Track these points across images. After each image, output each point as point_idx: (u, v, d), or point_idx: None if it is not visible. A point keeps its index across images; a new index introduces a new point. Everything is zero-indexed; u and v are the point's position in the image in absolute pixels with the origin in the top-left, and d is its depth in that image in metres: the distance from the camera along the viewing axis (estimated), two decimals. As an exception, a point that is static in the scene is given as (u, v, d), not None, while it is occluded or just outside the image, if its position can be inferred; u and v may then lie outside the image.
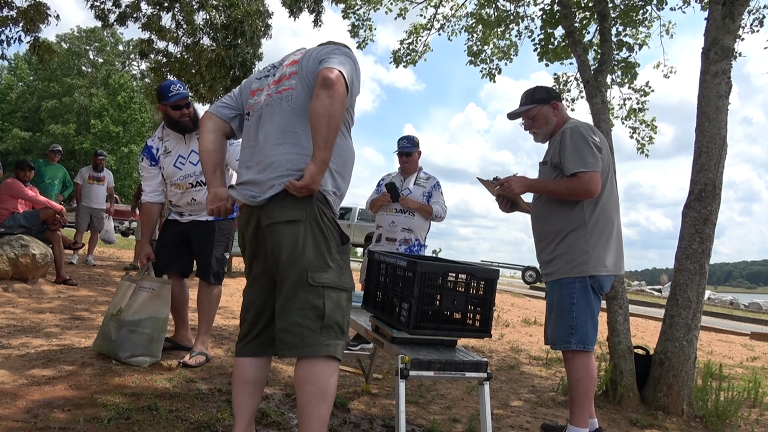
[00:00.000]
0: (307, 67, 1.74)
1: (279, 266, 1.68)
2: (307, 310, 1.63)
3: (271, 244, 1.69)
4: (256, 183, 1.71)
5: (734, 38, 3.33)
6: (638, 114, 6.84)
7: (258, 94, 1.85)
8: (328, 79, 1.57)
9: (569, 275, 2.35)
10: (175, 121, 2.94)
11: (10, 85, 36.17)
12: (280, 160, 1.68)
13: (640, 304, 10.19)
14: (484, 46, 7.52)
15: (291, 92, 1.74)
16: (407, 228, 3.88)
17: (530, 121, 2.56)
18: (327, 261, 1.67)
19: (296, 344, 1.62)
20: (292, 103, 1.72)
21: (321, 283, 1.65)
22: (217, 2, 9.10)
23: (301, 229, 1.64)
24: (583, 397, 2.34)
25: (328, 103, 1.56)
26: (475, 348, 4.74)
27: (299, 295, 1.64)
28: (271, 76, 1.86)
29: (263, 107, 1.79)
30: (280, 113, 1.73)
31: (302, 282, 1.63)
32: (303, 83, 1.73)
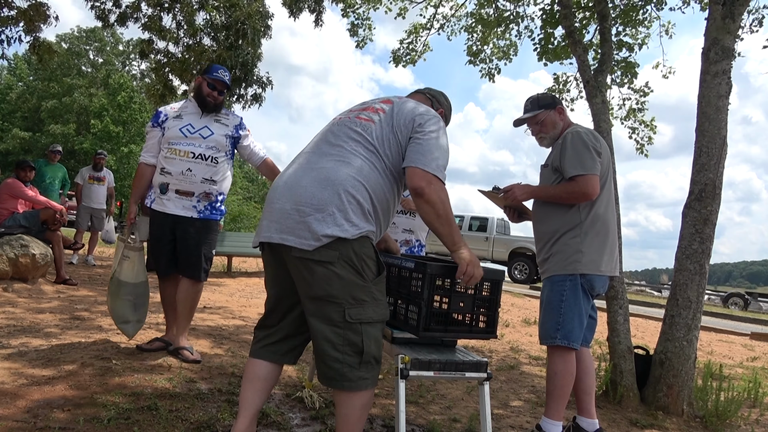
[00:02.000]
0: (398, 116, 1.82)
1: (310, 298, 1.70)
2: (346, 346, 1.67)
3: (304, 277, 1.68)
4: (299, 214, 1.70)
5: (734, 38, 3.33)
6: (637, 114, 6.85)
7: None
8: (419, 190, 1.70)
9: (561, 272, 2.40)
10: (203, 96, 3.02)
11: (10, 85, 36.19)
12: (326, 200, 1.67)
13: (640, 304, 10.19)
14: (483, 46, 7.53)
15: (371, 125, 1.80)
16: (408, 229, 3.87)
17: (538, 127, 2.61)
18: (363, 296, 1.68)
19: (336, 378, 1.69)
20: (366, 134, 1.78)
21: (359, 319, 1.67)
22: (218, 3, 9.10)
23: (336, 268, 1.64)
24: (558, 391, 2.37)
25: (430, 208, 1.71)
26: (475, 348, 4.74)
27: (337, 332, 1.67)
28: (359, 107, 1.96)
29: (337, 123, 1.88)
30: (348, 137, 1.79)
31: (340, 319, 1.66)
32: (385, 125, 1.80)
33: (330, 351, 1.67)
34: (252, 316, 4.99)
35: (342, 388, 1.68)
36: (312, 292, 1.67)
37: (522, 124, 2.69)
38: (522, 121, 2.67)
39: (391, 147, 1.77)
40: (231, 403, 2.48)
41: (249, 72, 9.16)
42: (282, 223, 1.68)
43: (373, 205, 1.72)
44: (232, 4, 9.00)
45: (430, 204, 1.70)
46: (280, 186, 1.76)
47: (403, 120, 1.80)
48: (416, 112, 1.83)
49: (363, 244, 1.68)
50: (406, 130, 1.79)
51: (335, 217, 1.63)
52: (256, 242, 1.82)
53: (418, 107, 1.87)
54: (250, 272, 8.88)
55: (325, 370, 1.70)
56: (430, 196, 1.69)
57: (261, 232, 1.77)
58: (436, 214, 1.71)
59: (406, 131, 1.78)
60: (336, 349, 1.67)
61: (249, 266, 9.59)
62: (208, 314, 4.76)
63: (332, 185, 1.66)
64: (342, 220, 1.64)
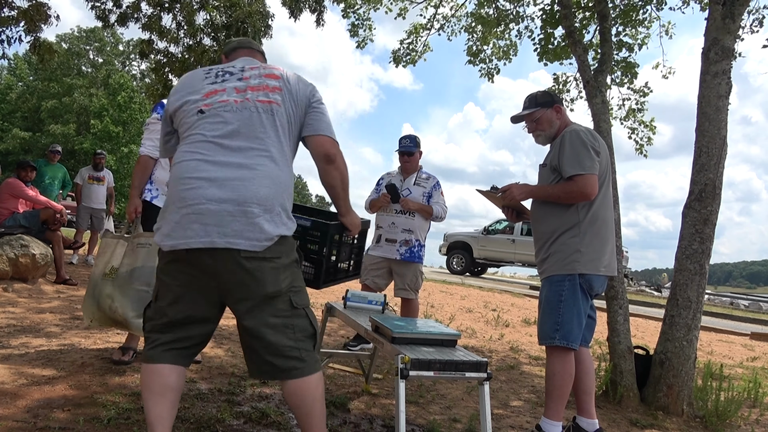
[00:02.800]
0: (296, 93, 1.82)
1: (256, 297, 1.65)
2: (298, 333, 1.69)
3: (254, 277, 1.64)
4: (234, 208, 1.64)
5: (734, 38, 3.33)
6: (637, 114, 6.84)
7: (220, 94, 1.77)
8: (331, 156, 1.81)
9: (560, 272, 2.40)
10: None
11: (10, 85, 36.18)
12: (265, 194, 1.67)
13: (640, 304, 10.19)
14: (483, 46, 7.53)
15: (277, 107, 1.76)
16: (407, 229, 3.87)
17: (534, 124, 2.61)
18: (300, 283, 1.75)
19: (297, 366, 1.67)
20: (277, 119, 1.75)
21: (303, 304, 1.72)
22: (218, 2, 9.11)
23: (283, 262, 1.68)
24: (557, 391, 2.37)
25: (338, 174, 1.83)
26: (475, 348, 4.74)
27: (287, 322, 1.68)
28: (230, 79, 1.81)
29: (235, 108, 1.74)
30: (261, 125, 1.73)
31: (288, 308, 1.68)
32: (289, 105, 1.79)
33: (284, 341, 1.66)
34: (252, 316, 4.99)
35: (303, 375, 1.68)
36: (263, 290, 1.64)
37: (519, 121, 2.69)
38: (519, 118, 2.67)
39: (296, 126, 1.82)
40: (231, 403, 2.48)
41: (249, 72, 9.16)
42: (227, 226, 1.59)
43: (292, 196, 1.79)
44: (233, 3, 9.00)
45: (339, 171, 1.83)
46: (203, 184, 1.63)
47: (301, 96, 1.83)
48: (308, 84, 1.88)
49: (292, 241, 1.76)
50: (303, 104, 1.83)
51: (281, 216, 1.67)
52: (179, 246, 1.61)
53: (302, 79, 1.90)
54: (250, 272, 8.87)
55: (283, 363, 1.66)
56: (339, 163, 1.82)
57: (191, 237, 1.60)
58: (342, 179, 1.84)
59: (303, 105, 1.83)
60: (290, 338, 1.67)
61: (249, 266, 9.57)
62: (208, 314, 4.76)
63: (274, 185, 1.67)
64: (286, 218, 1.69)
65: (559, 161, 2.42)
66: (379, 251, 3.93)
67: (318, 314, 5.71)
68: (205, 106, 1.74)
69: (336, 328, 4.87)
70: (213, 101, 1.75)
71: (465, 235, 14.82)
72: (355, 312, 2.71)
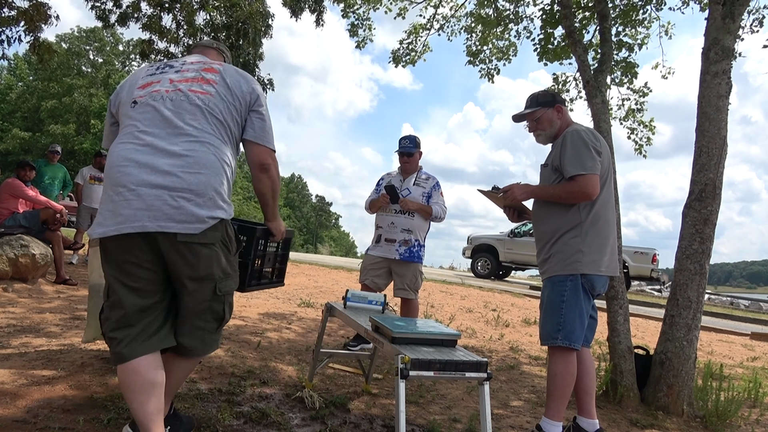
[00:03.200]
0: (234, 87, 1.84)
1: (192, 279, 1.71)
2: (208, 314, 1.77)
3: (188, 260, 1.69)
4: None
5: (734, 38, 3.33)
6: (636, 115, 6.84)
7: (154, 85, 1.82)
8: (265, 165, 1.89)
9: (562, 272, 2.40)
10: None
11: (10, 85, 36.20)
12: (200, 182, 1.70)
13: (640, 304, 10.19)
14: (483, 46, 7.52)
15: (210, 98, 1.79)
16: (407, 229, 3.87)
17: (535, 123, 2.61)
18: (230, 270, 1.81)
19: (196, 346, 1.78)
20: (209, 108, 1.78)
21: (226, 291, 1.80)
22: (218, 3, 9.11)
23: (217, 248, 1.74)
24: (559, 392, 2.37)
25: (270, 183, 1.91)
26: (475, 348, 4.74)
27: (206, 305, 1.76)
28: (168, 72, 1.86)
29: (166, 97, 1.78)
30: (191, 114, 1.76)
31: (212, 293, 1.75)
32: (224, 100, 1.82)
33: (198, 322, 1.76)
34: (252, 316, 4.99)
35: (201, 354, 1.80)
36: (196, 273, 1.71)
37: (521, 120, 2.69)
38: (520, 117, 2.67)
39: (234, 119, 1.84)
40: (231, 403, 2.48)
41: (250, 72, 9.16)
42: (158, 210, 1.62)
43: (230, 182, 1.82)
44: (233, 4, 9.00)
45: (271, 179, 1.91)
46: (133, 170, 1.65)
47: (241, 91, 1.85)
48: (252, 83, 1.91)
49: (230, 224, 1.81)
50: (244, 102, 1.86)
51: (215, 200, 1.70)
52: (112, 232, 1.64)
53: (245, 75, 1.94)
54: (250, 272, 8.86)
55: (188, 342, 1.77)
56: (272, 172, 1.91)
57: (123, 222, 1.62)
58: (273, 188, 1.93)
59: (245, 103, 1.86)
60: (203, 320, 1.77)
61: (249, 266, 9.57)
62: (208, 314, 4.76)
63: (205, 169, 1.70)
64: (220, 201, 1.72)
65: (561, 161, 2.42)
66: (379, 251, 3.93)
67: (318, 314, 5.71)
68: (139, 98, 1.81)
69: (336, 328, 4.87)
70: (147, 92, 1.81)
71: (490, 237, 14.25)
72: (355, 312, 2.71)
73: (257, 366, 3.18)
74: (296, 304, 6.19)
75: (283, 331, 4.45)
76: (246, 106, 1.86)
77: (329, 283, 8.34)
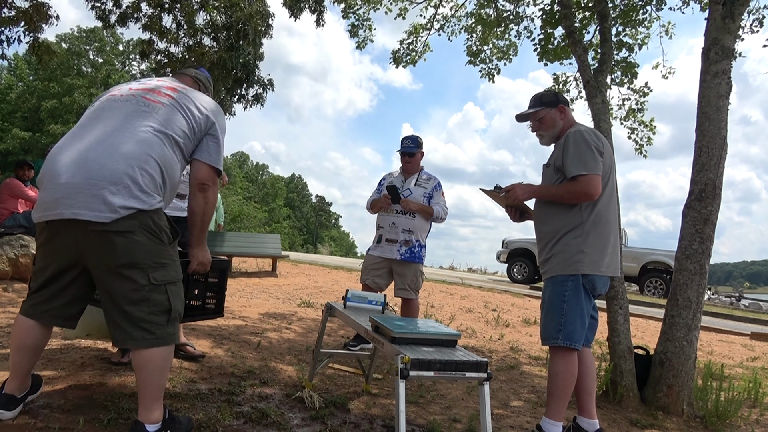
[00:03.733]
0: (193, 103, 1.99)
1: (112, 267, 1.76)
2: (153, 306, 1.80)
3: (103, 249, 1.75)
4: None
5: (734, 38, 3.33)
6: (637, 115, 6.84)
7: (114, 92, 2.01)
8: (205, 185, 1.96)
9: (563, 272, 2.40)
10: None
11: (10, 85, 36.19)
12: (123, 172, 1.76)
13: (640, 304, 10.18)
14: (483, 46, 7.52)
15: (160, 106, 1.92)
16: (408, 229, 3.87)
17: (538, 123, 2.62)
18: (164, 260, 1.83)
19: (146, 337, 1.79)
20: (156, 111, 1.90)
21: (163, 281, 1.82)
22: (218, 3, 9.10)
23: (138, 237, 1.76)
24: (559, 392, 2.37)
25: (203, 204, 1.98)
26: (475, 348, 4.74)
27: (143, 295, 1.78)
28: (132, 83, 2.06)
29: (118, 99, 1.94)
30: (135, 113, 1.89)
31: (145, 282, 1.78)
32: (175, 112, 1.93)
33: (137, 313, 1.78)
34: (252, 316, 4.99)
35: (152, 345, 1.80)
36: (115, 261, 1.75)
37: (524, 120, 2.70)
38: (523, 117, 2.67)
39: (183, 129, 1.92)
40: (231, 403, 2.48)
41: (250, 72, 9.16)
42: (73, 198, 1.70)
43: (163, 179, 1.84)
44: (233, 4, 9.00)
45: (206, 201, 1.98)
46: (64, 162, 1.76)
47: (194, 115, 1.97)
48: (209, 111, 2.03)
49: (159, 215, 1.81)
50: (198, 125, 1.97)
51: (130, 189, 1.73)
52: (40, 219, 1.80)
53: (206, 103, 2.06)
54: (250, 272, 8.88)
55: (133, 332, 1.79)
56: (209, 196, 1.98)
57: (46, 210, 1.75)
58: (204, 212, 1.99)
59: (199, 126, 1.97)
60: (143, 311, 1.79)
61: (249, 266, 9.59)
62: (208, 314, 4.76)
63: (124, 158, 1.74)
64: (137, 191, 1.74)
65: (563, 161, 2.42)
66: (380, 251, 3.93)
67: (318, 314, 5.70)
68: (98, 102, 1.97)
69: (336, 328, 4.87)
70: (106, 98, 1.98)
71: (528, 241, 13.24)
72: (355, 312, 2.71)
73: (257, 366, 3.18)
74: (296, 304, 6.19)
75: (283, 331, 4.45)
76: (201, 130, 1.98)
77: (329, 283, 8.34)
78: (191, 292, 2.20)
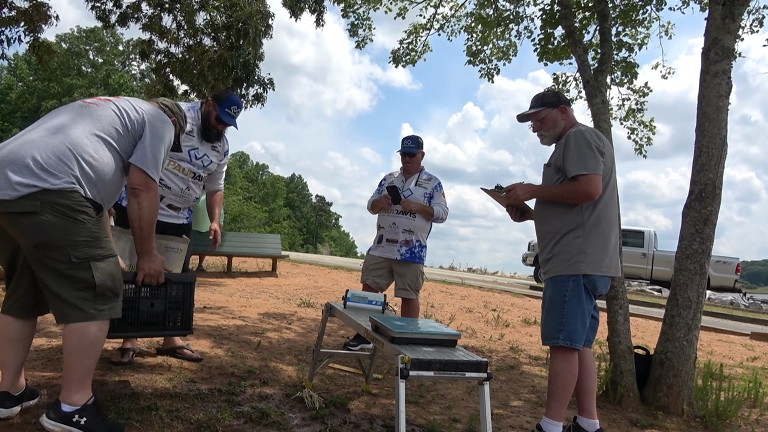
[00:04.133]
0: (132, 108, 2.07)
1: (29, 247, 1.81)
2: (78, 283, 1.82)
3: (15, 229, 1.81)
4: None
5: (734, 38, 3.33)
6: (637, 115, 6.84)
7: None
8: (135, 189, 1.98)
9: (564, 273, 2.40)
10: (209, 125, 3.04)
11: (10, 85, 36.22)
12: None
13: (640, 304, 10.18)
14: (483, 46, 7.52)
15: (95, 107, 2.03)
16: (408, 229, 3.88)
17: (539, 123, 2.62)
18: (83, 238, 1.83)
19: (73, 314, 1.82)
20: (89, 110, 2.00)
21: (85, 258, 1.83)
22: (218, 3, 9.10)
23: (45, 216, 1.77)
24: (560, 392, 2.37)
25: (137, 209, 1.99)
26: (475, 348, 4.74)
27: (67, 273, 1.81)
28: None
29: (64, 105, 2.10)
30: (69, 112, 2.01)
31: (66, 260, 1.80)
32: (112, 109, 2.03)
33: (63, 291, 1.81)
34: (252, 316, 4.99)
35: (79, 320, 1.82)
36: (30, 242, 1.79)
37: (525, 120, 2.70)
38: (525, 117, 2.67)
39: (114, 126, 1.98)
40: (231, 403, 2.48)
41: (250, 72, 9.15)
42: None
43: (81, 168, 1.85)
44: (233, 3, 8.99)
45: (139, 206, 1.98)
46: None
47: (135, 110, 2.04)
48: (153, 110, 2.10)
49: (68, 196, 1.81)
50: (137, 121, 2.03)
51: (31, 168, 1.77)
52: None
53: (152, 107, 2.13)
54: (250, 272, 8.88)
55: (64, 309, 1.82)
56: (142, 199, 1.98)
57: None
58: (139, 217, 2.00)
59: (138, 124, 2.03)
60: (69, 288, 1.81)
61: (249, 266, 9.59)
62: (208, 314, 4.76)
63: (34, 144, 1.82)
64: (38, 170, 1.77)
65: (564, 161, 2.42)
66: (380, 251, 3.93)
67: (318, 314, 5.70)
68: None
69: (336, 328, 4.87)
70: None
71: None
72: (355, 312, 2.71)
73: (257, 366, 3.19)
74: (296, 304, 6.19)
75: (283, 331, 4.46)
76: (135, 129, 2.03)
77: (329, 283, 8.34)
78: (145, 305, 2.16)
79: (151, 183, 2.01)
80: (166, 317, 2.24)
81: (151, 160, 2.01)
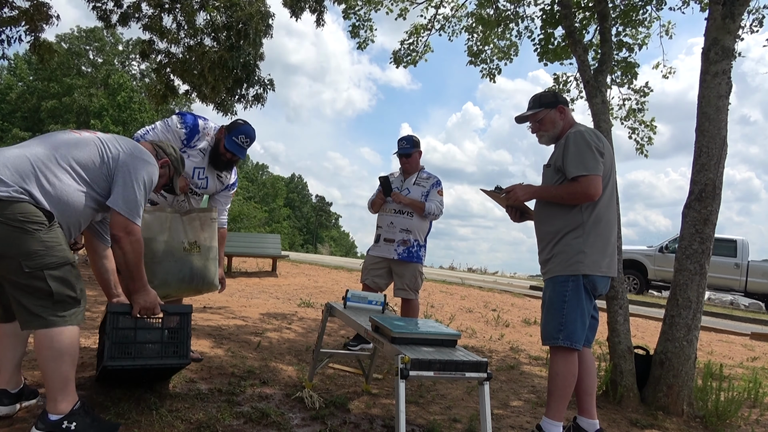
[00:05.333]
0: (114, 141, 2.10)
1: None
2: (36, 292, 1.84)
3: None
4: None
5: (734, 38, 3.33)
6: (637, 114, 6.84)
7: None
8: (115, 236, 2.01)
9: (563, 273, 2.40)
10: (218, 153, 2.94)
11: (10, 85, 36.22)
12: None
13: (640, 304, 10.18)
14: (484, 46, 7.52)
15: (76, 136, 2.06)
16: (405, 229, 3.87)
17: (537, 124, 2.62)
18: (34, 248, 1.82)
19: (33, 322, 1.84)
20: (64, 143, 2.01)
21: (38, 267, 1.83)
22: (219, 3, 9.10)
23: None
24: (560, 392, 2.37)
25: (121, 255, 2.03)
26: (475, 348, 4.74)
27: (23, 283, 1.82)
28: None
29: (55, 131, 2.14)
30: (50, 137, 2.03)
31: (20, 271, 1.81)
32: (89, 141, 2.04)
33: (24, 300, 1.84)
34: (252, 316, 4.99)
35: (42, 326, 1.84)
36: None
37: (524, 122, 2.70)
38: (523, 119, 2.68)
39: (89, 155, 2.00)
40: (231, 403, 2.48)
41: (251, 72, 9.14)
42: None
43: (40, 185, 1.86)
44: (233, 4, 8.99)
45: (124, 252, 2.02)
46: None
47: (116, 147, 2.06)
48: (136, 149, 2.11)
49: (15, 206, 1.79)
50: (114, 155, 2.04)
51: None
52: None
53: (137, 146, 2.14)
54: (250, 272, 8.89)
55: (26, 317, 1.85)
56: (124, 244, 2.01)
57: None
58: (125, 260, 2.04)
59: (114, 159, 2.03)
60: (28, 297, 1.84)
61: (249, 266, 9.59)
62: (208, 314, 4.77)
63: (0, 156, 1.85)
64: None
65: (563, 162, 2.42)
66: (378, 251, 3.94)
67: (318, 314, 5.70)
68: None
69: (336, 328, 4.87)
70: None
71: (636, 252, 12.27)
72: (355, 312, 2.71)
73: (257, 366, 3.19)
74: (296, 304, 6.19)
75: (283, 331, 4.46)
76: (111, 163, 2.03)
77: (329, 283, 8.34)
78: (142, 337, 2.19)
79: (130, 226, 2.00)
80: (164, 347, 2.27)
81: (123, 203, 1.99)
